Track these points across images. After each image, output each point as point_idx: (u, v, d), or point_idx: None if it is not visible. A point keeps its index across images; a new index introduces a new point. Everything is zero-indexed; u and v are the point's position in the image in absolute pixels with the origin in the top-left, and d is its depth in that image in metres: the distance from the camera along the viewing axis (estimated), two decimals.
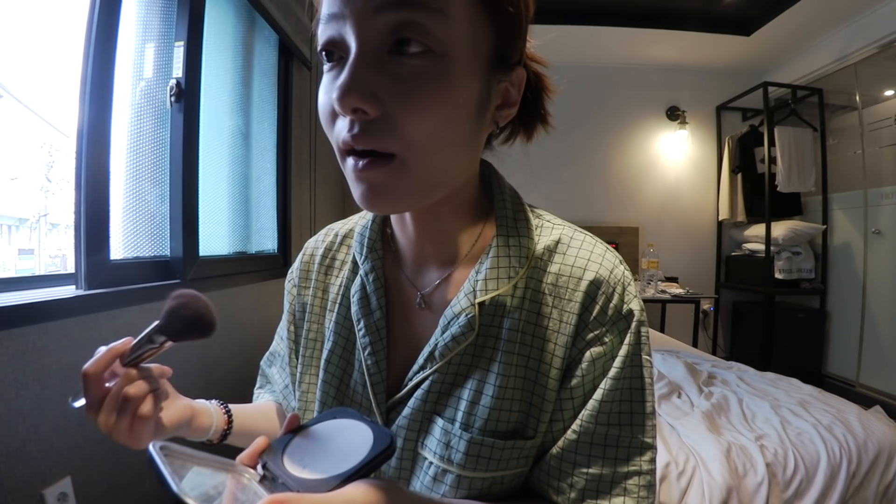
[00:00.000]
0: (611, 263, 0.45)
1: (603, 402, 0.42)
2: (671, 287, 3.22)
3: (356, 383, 0.48)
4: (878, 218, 2.83)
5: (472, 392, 0.43)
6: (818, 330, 3.12)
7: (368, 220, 0.52)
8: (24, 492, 0.90)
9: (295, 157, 2.35)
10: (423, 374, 0.44)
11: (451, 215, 0.46)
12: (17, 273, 1.23)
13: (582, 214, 3.54)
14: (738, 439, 1.28)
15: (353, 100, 0.34)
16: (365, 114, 0.35)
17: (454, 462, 0.42)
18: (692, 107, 3.60)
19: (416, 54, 0.35)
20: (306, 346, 0.52)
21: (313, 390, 0.51)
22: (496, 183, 0.49)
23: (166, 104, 1.41)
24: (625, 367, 0.42)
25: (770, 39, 3.10)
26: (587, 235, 0.48)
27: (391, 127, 0.36)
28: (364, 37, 0.35)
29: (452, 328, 0.43)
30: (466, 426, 0.42)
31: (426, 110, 0.36)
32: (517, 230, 0.46)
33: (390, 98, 0.35)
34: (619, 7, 2.95)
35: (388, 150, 0.36)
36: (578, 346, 0.43)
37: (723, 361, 2.16)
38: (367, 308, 0.48)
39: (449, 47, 0.36)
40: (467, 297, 0.44)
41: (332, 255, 0.55)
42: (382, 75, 0.35)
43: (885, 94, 2.84)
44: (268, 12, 1.93)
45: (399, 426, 0.44)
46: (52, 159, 1.29)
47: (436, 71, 0.36)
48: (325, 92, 0.39)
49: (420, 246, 0.48)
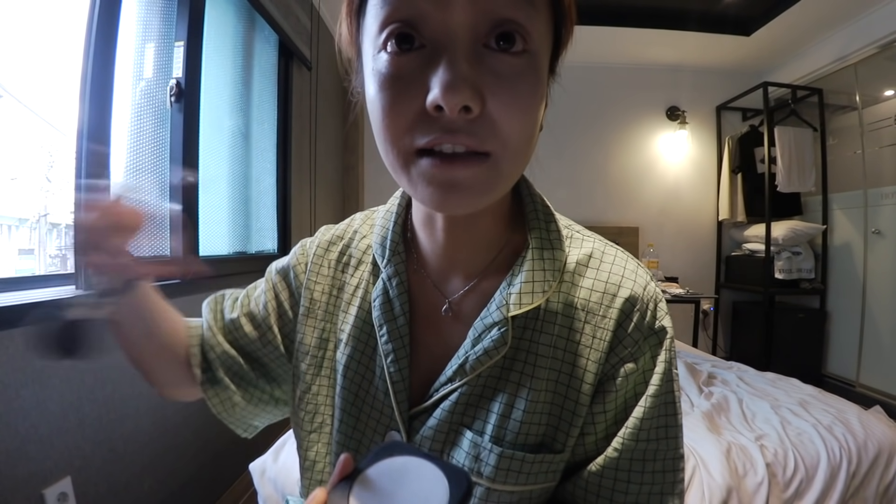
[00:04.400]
0: (644, 280, 0.45)
1: (644, 419, 0.42)
2: (671, 287, 3.22)
3: (377, 390, 0.46)
4: (878, 218, 2.83)
5: (503, 406, 0.42)
6: (818, 330, 3.12)
7: (390, 220, 0.50)
8: (24, 492, 0.90)
9: (295, 157, 2.35)
10: (451, 387, 0.43)
11: (488, 221, 0.45)
12: (17, 273, 1.23)
13: (582, 214, 3.54)
14: (738, 439, 1.28)
15: (465, 97, 0.32)
16: (469, 111, 0.33)
17: (484, 475, 0.41)
18: (692, 107, 3.60)
19: (513, 51, 0.34)
20: (318, 347, 0.50)
21: (325, 392, 0.49)
22: (526, 190, 0.48)
23: (166, 104, 1.41)
24: (662, 384, 0.43)
25: (770, 39, 3.10)
26: (618, 250, 0.48)
27: (491, 126, 0.34)
28: (462, 25, 0.33)
29: (484, 342, 0.42)
30: (497, 439, 0.42)
31: (525, 110, 0.35)
32: (550, 242, 0.45)
33: (492, 96, 0.34)
34: (620, 7, 2.95)
35: (485, 149, 0.34)
36: (612, 361, 0.43)
37: (723, 361, 2.16)
38: (390, 313, 0.46)
39: (538, 45, 0.35)
40: (500, 310, 0.42)
41: (350, 251, 0.53)
42: (483, 71, 0.33)
43: (885, 94, 2.83)
44: (268, 12, 1.93)
45: (424, 436, 0.43)
46: (52, 159, 1.29)
47: (531, 70, 0.35)
48: (390, 87, 0.35)
49: (449, 252, 0.46)
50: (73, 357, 0.41)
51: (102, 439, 1.10)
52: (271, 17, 1.97)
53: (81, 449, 1.04)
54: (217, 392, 0.53)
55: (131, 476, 1.19)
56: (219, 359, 0.52)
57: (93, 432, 1.08)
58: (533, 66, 0.35)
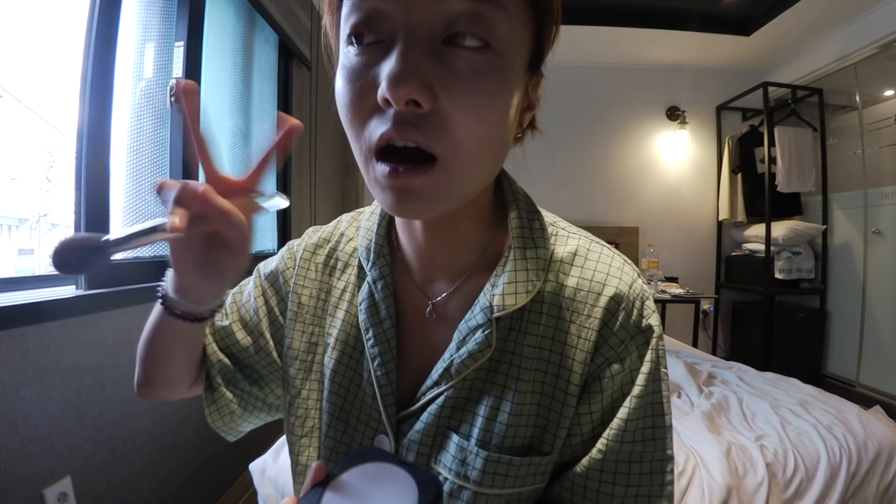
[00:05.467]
0: (630, 277, 0.44)
1: (629, 420, 0.41)
2: (671, 287, 3.22)
3: (365, 394, 0.46)
4: (878, 218, 2.83)
5: (489, 409, 0.42)
6: (818, 330, 3.12)
7: (374, 223, 0.49)
8: (24, 492, 0.90)
9: (295, 157, 2.35)
10: (437, 390, 0.43)
11: (467, 222, 0.44)
12: (17, 273, 1.23)
13: (582, 214, 3.54)
14: (738, 439, 1.28)
15: (412, 89, 0.31)
16: (417, 106, 0.32)
17: (470, 479, 0.41)
18: (692, 107, 3.60)
19: (474, 48, 0.33)
20: (307, 351, 0.50)
21: (314, 396, 0.49)
22: (509, 188, 0.47)
23: (166, 104, 1.41)
24: (648, 384, 0.42)
25: (770, 39, 3.10)
26: (604, 247, 0.47)
27: (442, 125, 0.33)
28: (420, 21, 0.32)
29: (469, 344, 0.42)
30: (483, 443, 0.41)
31: (482, 110, 0.33)
32: (533, 240, 0.44)
33: (445, 92, 0.32)
34: (620, 7, 2.95)
35: (434, 151, 0.33)
36: (597, 361, 0.42)
37: (723, 361, 2.16)
38: (376, 317, 0.45)
39: (506, 45, 0.34)
40: (483, 312, 0.42)
41: (336, 254, 0.52)
42: (437, 66, 0.32)
43: (885, 94, 2.83)
44: (268, 12, 1.93)
45: (411, 440, 0.43)
46: (52, 159, 1.29)
47: (494, 69, 0.33)
48: (351, 81, 0.34)
49: (430, 254, 0.46)
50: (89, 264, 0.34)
51: (102, 439, 1.10)
52: (271, 17, 1.97)
53: (81, 449, 1.04)
54: (215, 399, 0.52)
55: (131, 476, 1.19)
56: (215, 367, 0.52)
57: (93, 432, 1.08)
58: (496, 65, 0.34)
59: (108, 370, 1.12)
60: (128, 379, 1.18)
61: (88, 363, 1.06)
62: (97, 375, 1.09)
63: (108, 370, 1.11)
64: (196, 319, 0.43)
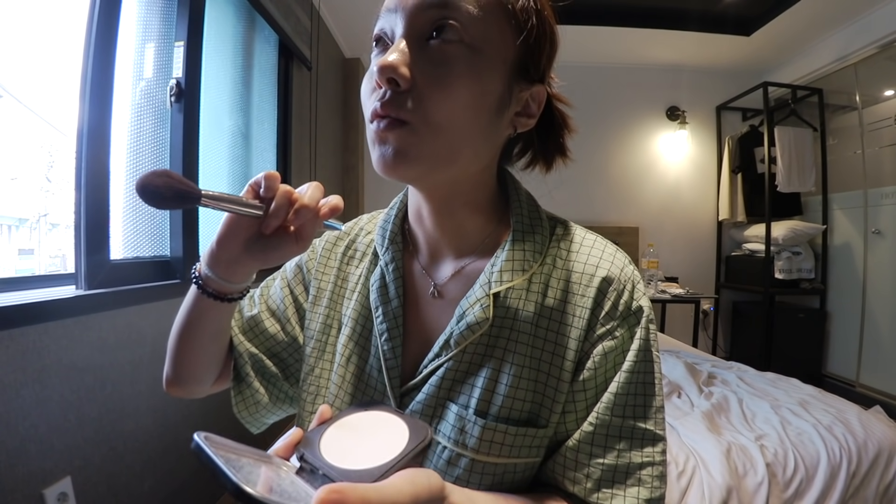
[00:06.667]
0: (621, 262, 0.48)
1: (618, 394, 0.44)
2: (671, 287, 3.22)
3: (372, 368, 0.49)
4: (878, 218, 2.83)
5: (486, 380, 0.45)
6: (818, 330, 3.11)
7: (391, 214, 0.54)
8: (24, 492, 0.90)
9: (295, 157, 2.35)
10: (438, 362, 0.46)
11: (466, 211, 0.49)
12: (17, 273, 1.23)
13: (582, 214, 3.54)
14: (738, 439, 1.28)
15: (389, 69, 0.39)
16: (397, 85, 0.39)
17: (468, 446, 0.43)
18: (692, 107, 3.60)
19: (450, 42, 0.40)
20: (322, 332, 0.53)
21: (326, 375, 0.52)
22: (513, 188, 0.52)
23: (166, 104, 1.41)
24: (637, 361, 0.45)
25: (770, 39, 3.10)
26: (598, 237, 0.51)
27: (416, 100, 0.40)
28: (409, 25, 0.41)
29: (468, 317, 0.45)
30: (481, 412, 0.44)
31: (448, 88, 0.40)
32: (532, 227, 0.49)
33: (422, 75, 0.40)
34: (619, 7, 2.95)
35: (404, 118, 0.40)
36: (590, 339, 0.45)
37: (723, 361, 2.16)
38: (386, 296, 0.50)
39: (480, 44, 0.41)
40: (482, 287, 0.46)
41: (355, 245, 0.57)
42: (419, 56, 0.40)
43: (885, 94, 2.83)
44: (268, 12, 1.93)
45: (413, 411, 0.46)
46: (52, 159, 1.29)
47: (464, 59, 0.40)
48: (368, 72, 0.44)
49: (436, 239, 0.51)
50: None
51: (102, 439, 1.10)
52: (271, 17, 1.97)
53: (81, 449, 1.04)
54: (241, 390, 0.54)
55: (131, 476, 1.19)
56: (243, 356, 0.54)
57: (93, 432, 1.08)
58: (466, 56, 0.40)
59: (108, 370, 1.12)
60: (128, 379, 1.18)
61: (88, 363, 1.06)
62: (97, 375, 1.09)
63: (108, 370, 1.11)
64: (225, 299, 0.46)
